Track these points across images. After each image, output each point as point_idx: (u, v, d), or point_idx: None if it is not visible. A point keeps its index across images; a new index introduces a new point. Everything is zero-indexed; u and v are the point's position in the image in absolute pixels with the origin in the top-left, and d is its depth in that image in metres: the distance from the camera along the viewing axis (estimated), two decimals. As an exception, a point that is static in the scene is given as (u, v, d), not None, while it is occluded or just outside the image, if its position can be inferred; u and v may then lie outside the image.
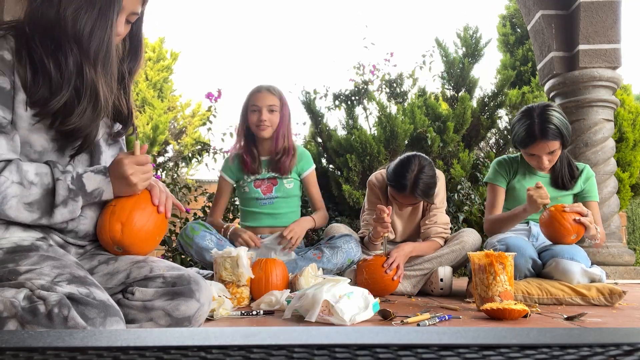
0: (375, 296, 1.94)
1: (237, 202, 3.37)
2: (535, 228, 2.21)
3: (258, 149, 2.40)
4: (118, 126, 1.35)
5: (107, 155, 1.31)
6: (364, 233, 2.38)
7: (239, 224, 2.56)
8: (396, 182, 2.16)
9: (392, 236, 2.25)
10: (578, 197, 2.25)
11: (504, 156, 2.36)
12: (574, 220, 1.94)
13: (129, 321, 1.08)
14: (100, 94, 1.16)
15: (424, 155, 2.22)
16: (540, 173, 2.26)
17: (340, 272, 2.24)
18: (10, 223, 1.12)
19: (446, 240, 2.30)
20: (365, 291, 1.49)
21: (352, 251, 2.21)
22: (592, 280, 1.92)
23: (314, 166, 2.50)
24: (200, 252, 2.15)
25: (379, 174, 2.45)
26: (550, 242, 2.07)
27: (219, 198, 2.50)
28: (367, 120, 4.46)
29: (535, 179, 2.25)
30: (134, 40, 1.32)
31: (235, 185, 2.50)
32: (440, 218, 2.30)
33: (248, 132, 2.39)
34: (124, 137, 1.42)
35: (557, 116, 2.09)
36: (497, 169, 2.31)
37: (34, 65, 1.11)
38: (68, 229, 1.18)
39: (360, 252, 2.24)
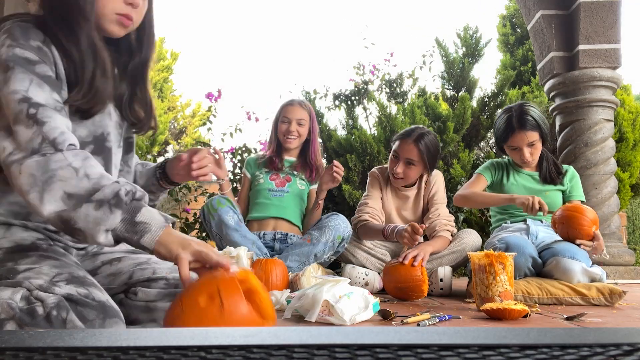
0: (402, 299, 1.94)
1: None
2: (534, 226, 2.22)
3: (285, 153, 2.59)
4: (131, 131, 1.30)
5: (116, 158, 1.24)
6: (361, 216, 2.36)
7: (247, 218, 2.58)
8: (404, 132, 2.32)
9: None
10: (564, 195, 2.32)
11: (498, 159, 2.46)
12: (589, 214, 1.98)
13: (131, 321, 1.08)
14: (106, 63, 1.11)
15: None
16: (528, 172, 2.32)
17: (339, 272, 2.23)
18: (11, 224, 1.12)
19: (452, 235, 2.30)
20: (366, 291, 1.48)
21: (340, 227, 2.23)
22: (593, 280, 1.92)
23: None
24: (220, 225, 2.24)
25: (379, 167, 2.54)
26: (551, 241, 2.07)
27: (240, 190, 2.67)
28: (367, 120, 4.46)
29: (526, 178, 2.31)
30: (146, 27, 1.23)
31: (251, 178, 2.62)
32: (443, 211, 2.33)
33: (278, 141, 2.59)
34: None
35: (534, 110, 2.21)
36: (489, 166, 2.41)
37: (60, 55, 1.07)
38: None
39: (349, 228, 2.26)
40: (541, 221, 2.26)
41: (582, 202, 2.28)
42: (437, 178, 2.41)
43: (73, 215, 0.91)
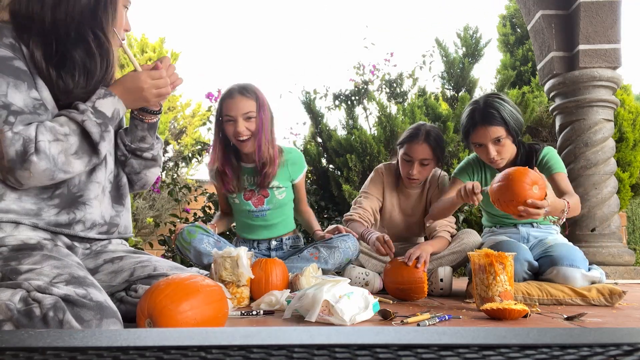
0: (403, 299, 1.94)
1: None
2: (524, 229, 2.19)
3: (241, 158, 2.23)
4: None
5: (110, 147, 1.33)
6: (352, 216, 2.33)
7: (235, 230, 2.50)
8: (410, 133, 2.26)
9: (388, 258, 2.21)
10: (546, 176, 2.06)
11: (475, 155, 2.25)
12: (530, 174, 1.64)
13: (132, 319, 1.08)
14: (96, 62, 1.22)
15: None
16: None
17: (339, 272, 2.23)
18: (20, 223, 1.13)
19: (452, 236, 2.29)
20: (366, 291, 1.48)
21: (350, 250, 2.18)
22: (592, 282, 1.92)
23: (306, 167, 2.38)
24: (199, 257, 2.08)
25: (388, 163, 2.49)
26: (547, 245, 2.03)
27: (219, 199, 2.44)
28: (367, 120, 4.47)
29: None
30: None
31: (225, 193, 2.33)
32: None
33: (227, 143, 2.18)
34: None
35: (501, 103, 2.00)
36: (465, 166, 2.25)
37: (50, 52, 1.16)
38: (77, 219, 1.19)
39: (358, 250, 2.21)
40: (532, 225, 2.20)
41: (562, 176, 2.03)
42: (443, 178, 2.38)
43: (100, 157, 1.18)
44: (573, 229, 3.32)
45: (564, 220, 1.84)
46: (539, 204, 1.61)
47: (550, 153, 2.09)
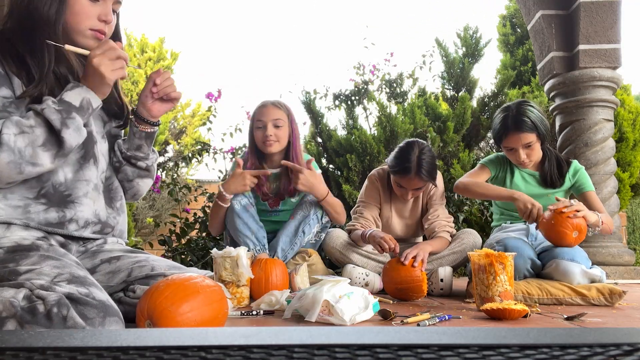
0: (402, 300, 1.94)
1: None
2: (534, 228, 2.21)
3: (267, 164, 2.35)
4: (115, 123, 1.43)
5: (102, 147, 1.34)
6: (354, 226, 2.34)
7: None
8: (400, 166, 2.18)
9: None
10: (572, 192, 2.27)
11: (504, 153, 2.39)
12: (574, 219, 1.91)
13: (130, 319, 1.08)
14: (74, 68, 1.24)
15: (421, 140, 2.29)
16: (531, 171, 2.28)
17: (338, 272, 2.23)
18: (11, 223, 1.12)
19: (452, 236, 2.29)
20: (366, 291, 1.48)
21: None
22: (592, 281, 1.92)
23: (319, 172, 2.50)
24: (230, 212, 2.17)
25: (380, 169, 2.47)
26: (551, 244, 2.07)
27: None
28: (367, 120, 4.47)
29: (528, 178, 2.28)
30: (115, 38, 1.36)
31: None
32: (442, 212, 2.32)
33: (257, 151, 2.32)
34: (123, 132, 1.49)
35: (532, 110, 2.15)
36: (494, 159, 2.37)
37: (14, 58, 1.16)
38: (67, 217, 1.19)
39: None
40: None
41: (592, 192, 2.23)
42: (437, 186, 2.38)
43: (67, 147, 1.12)
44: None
45: (595, 232, 2.06)
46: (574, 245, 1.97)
47: (582, 171, 2.26)
